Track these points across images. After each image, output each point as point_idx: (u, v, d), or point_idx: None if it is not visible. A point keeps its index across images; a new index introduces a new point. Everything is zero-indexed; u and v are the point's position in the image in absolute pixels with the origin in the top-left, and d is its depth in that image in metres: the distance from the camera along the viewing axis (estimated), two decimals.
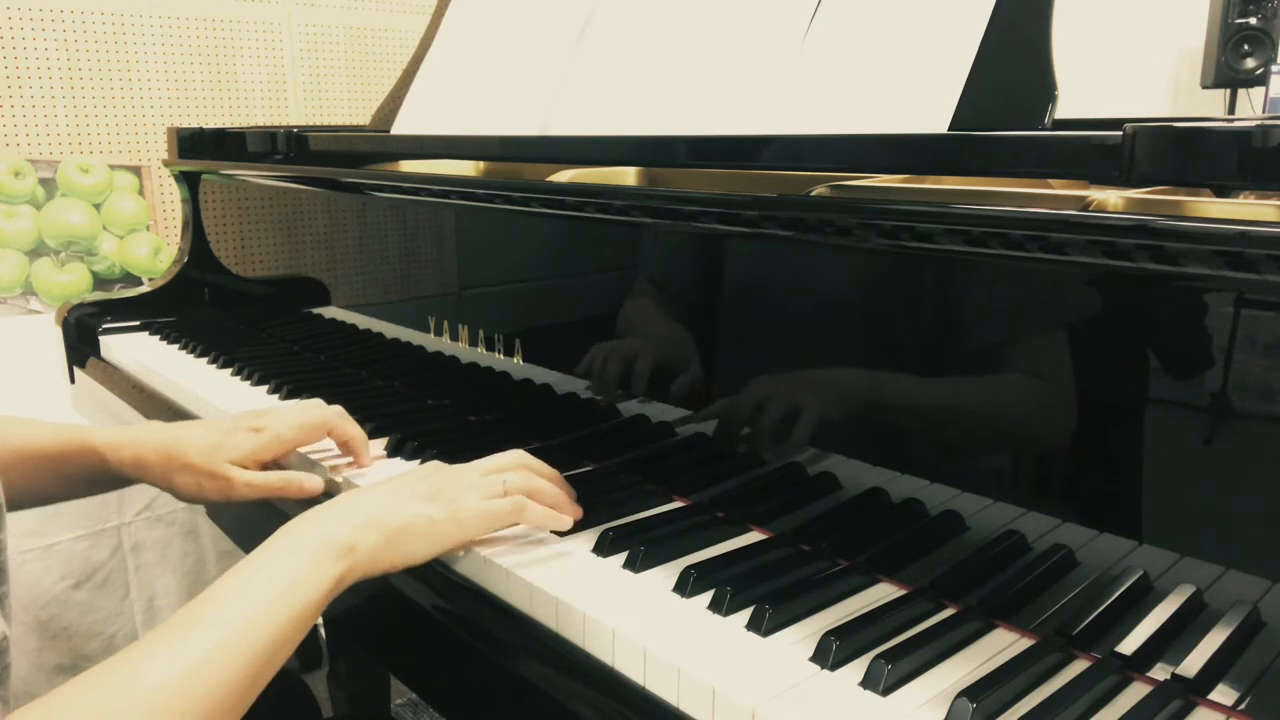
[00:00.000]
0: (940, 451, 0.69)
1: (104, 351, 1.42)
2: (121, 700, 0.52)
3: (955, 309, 0.66)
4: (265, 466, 0.84)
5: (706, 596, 0.65)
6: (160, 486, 0.84)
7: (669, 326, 0.84)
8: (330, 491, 0.84)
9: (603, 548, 0.72)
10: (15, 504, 0.84)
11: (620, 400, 0.87)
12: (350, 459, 0.88)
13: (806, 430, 0.74)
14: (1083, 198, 0.63)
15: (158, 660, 0.54)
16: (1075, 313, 0.60)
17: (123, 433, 0.85)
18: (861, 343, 0.72)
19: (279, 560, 0.61)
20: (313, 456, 0.90)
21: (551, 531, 0.75)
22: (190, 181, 1.52)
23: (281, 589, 0.59)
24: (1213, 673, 0.54)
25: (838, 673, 0.57)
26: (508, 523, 0.72)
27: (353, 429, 0.87)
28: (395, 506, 0.67)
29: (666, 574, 0.68)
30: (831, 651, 0.57)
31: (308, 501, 0.78)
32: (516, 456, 0.76)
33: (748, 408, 0.78)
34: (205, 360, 1.29)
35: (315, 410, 0.87)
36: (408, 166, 1.17)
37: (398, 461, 0.90)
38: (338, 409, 0.87)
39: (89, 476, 0.85)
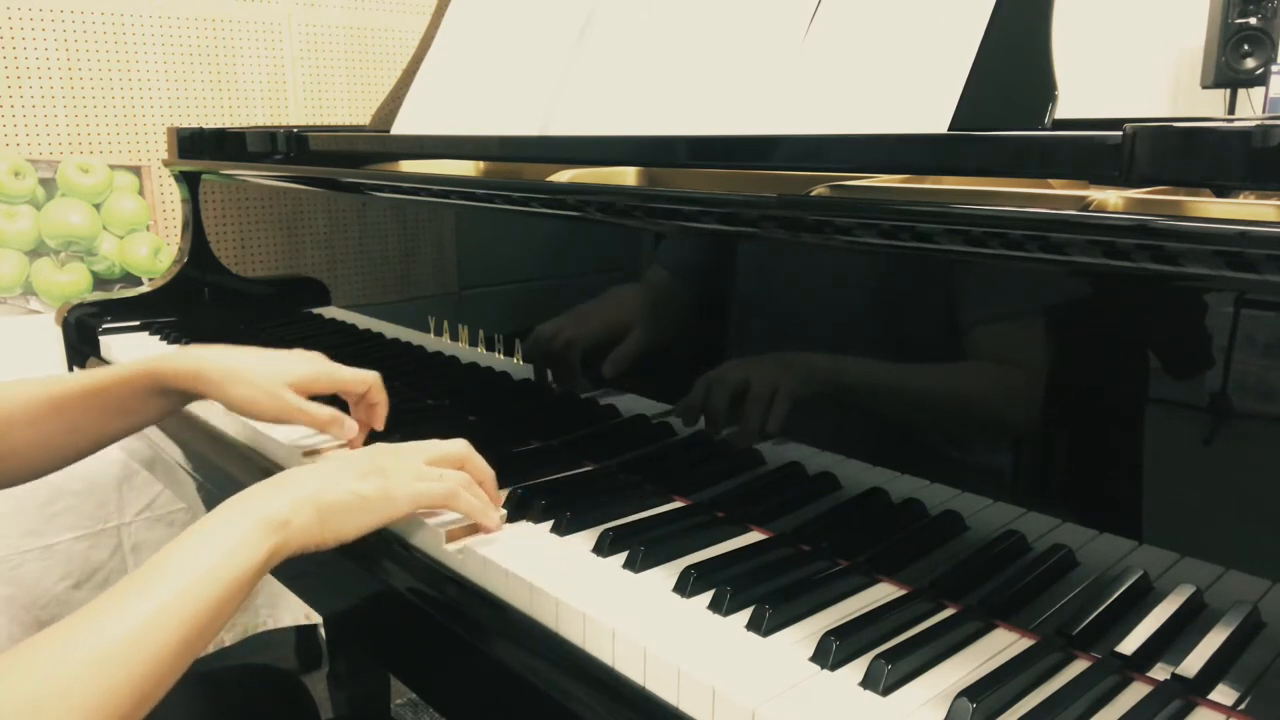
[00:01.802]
0: (940, 451, 0.69)
1: (104, 351, 1.42)
2: (60, 669, 0.54)
3: (955, 309, 0.66)
4: None
5: (706, 596, 0.65)
6: (215, 397, 0.87)
7: (668, 325, 0.84)
8: None
9: (603, 548, 0.72)
10: (67, 456, 0.87)
11: (617, 397, 0.87)
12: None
13: (807, 429, 0.74)
14: (1083, 198, 0.63)
15: (96, 628, 0.56)
16: (1075, 313, 0.60)
17: (178, 352, 0.90)
18: (861, 342, 0.72)
19: (217, 532, 0.63)
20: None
21: (551, 531, 0.75)
22: (190, 181, 1.52)
23: (217, 560, 0.61)
24: (1213, 673, 0.54)
25: (838, 673, 0.57)
26: (438, 504, 0.73)
27: (384, 395, 0.93)
28: (331, 483, 0.69)
29: (666, 574, 0.68)
30: (831, 651, 0.57)
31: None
32: (462, 448, 0.77)
33: (748, 406, 0.77)
34: None
35: (364, 371, 0.93)
36: (408, 166, 1.17)
37: None
38: (378, 377, 0.94)
39: (140, 402, 0.88)
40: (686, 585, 0.66)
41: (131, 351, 1.36)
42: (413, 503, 0.72)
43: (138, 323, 1.49)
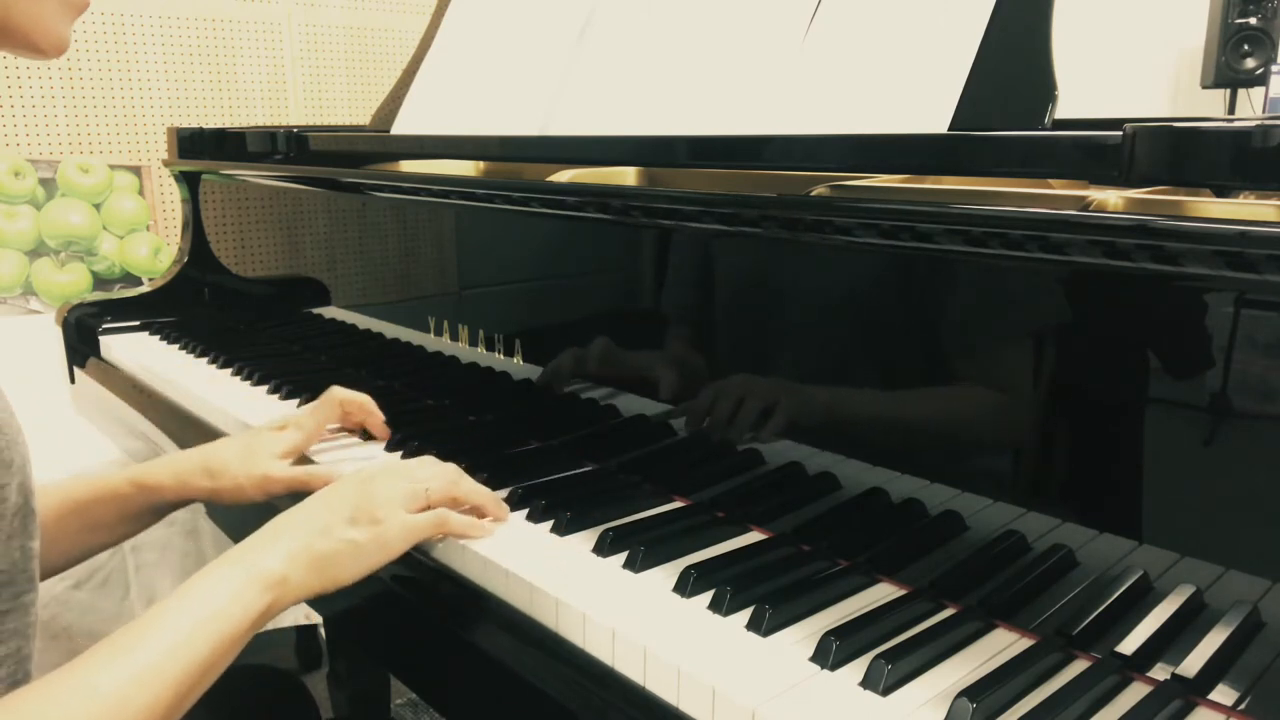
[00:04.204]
0: (940, 451, 0.69)
1: (104, 351, 1.42)
2: (64, 714, 0.54)
3: (955, 309, 0.66)
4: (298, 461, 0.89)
5: (706, 596, 0.65)
6: (202, 497, 0.86)
7: (668, 326, 0.84)
8: None
9: (603, 548, 0.72)
10: (56, 568, 0.84)
11: (617, 397, 0.87)
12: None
13: (808, 429, 0.74)
14: (1083, 198, 0.63)
15: (89, 683, 0.56)
16: (1075, 313, 0.60)
17: (153, 462, 0.88)
18: (861, 342, 0.72)
19: (217, 587, 0.63)
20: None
21: (551, 531, 0.75)
22: (190, 181, 1.52)
23: (213, 614, 0.62)
24: (1213, 673, 0.54)
25: (838, 673, 0.57)
26: (431, 535, 0.73)
27: (356, 395, 0.94)
28: (323, 533, 0.69)
29: (666, 574, 0.68)
30: (831, 651, 0.57)
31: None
32: (442, 469, 0.77)
33: (748, 407, 0.77)
34: (205, 360, 1.29)
35: (322, 398, 0.93)
36: (408, 166, 1.17)
37: (396, 459, 0.90)
38: (335, 387, 0.94)
39: (122, 514, 0.85)
40: (686, 585, 0.66)
41: (132, 351, 1.36)
42: (406, 541, 0.71)
43: (138, 323, 1.49)
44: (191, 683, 0.59)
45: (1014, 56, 0.71)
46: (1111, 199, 0.62)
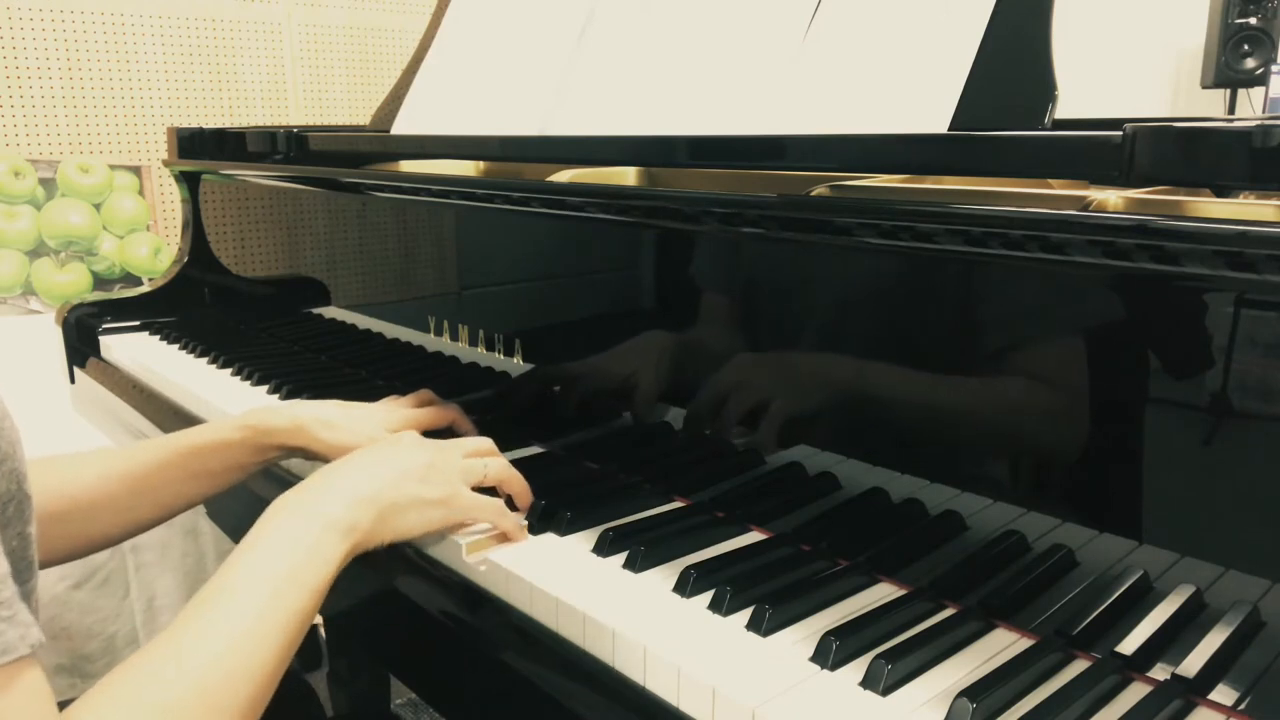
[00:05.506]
0: (941, 451, 0.69)
1: (104, 351, 1.42)
2: (174, 685, 0.54)
3: (954, 310, 0.66)
4: None
5: (706, 596, 0.65)
6: (315, 448, 0.84)
7: (668, 327, 0.84)
8: None
9: (603, 548, 0.72)
10: (151, 520, 0.84)
11: (620, 400, 0.87)
12: None
13: (808, 429, 0.74)
14: (1083, 198, 0.63)
15: (201, 641, 0.56)
16: (1075, 313, 0.60)
17: (262, 407, 0.87)
18: (861, 343, 0.72)
19: (293, 538, 0.63)
20: None
21: (550, 532, 0.75)
22: (190, 181, 1.52)
23: (299, 564, 0.62)
24: (1213, 673, 0.54)
25: (838, 673, 0.57)
26: (490, 518, 0.74)
27: (467, 424, 0.95)
28: (392, 484, 0.69)
29: (666, 574, 0.68)
30: (831, 651, 0.57)
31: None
32: (490, 443, 0.79)
33: (748, 407, 0.78)
34: (205, 360, 1.29)
35: (445, 406, 0.94)
36: (408, 166, 1.17)
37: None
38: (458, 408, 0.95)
39: (228, 462, 0.84)
40: (686, 585, 0.66)
41: (132, 351, 1.36)
42: (471, 514, 0.73)
43: (138, 323, 1.49)
44: (290, 636, 0.60)
45: (1014, 56, 0.71)
46: (1111, 199, 0.62)
